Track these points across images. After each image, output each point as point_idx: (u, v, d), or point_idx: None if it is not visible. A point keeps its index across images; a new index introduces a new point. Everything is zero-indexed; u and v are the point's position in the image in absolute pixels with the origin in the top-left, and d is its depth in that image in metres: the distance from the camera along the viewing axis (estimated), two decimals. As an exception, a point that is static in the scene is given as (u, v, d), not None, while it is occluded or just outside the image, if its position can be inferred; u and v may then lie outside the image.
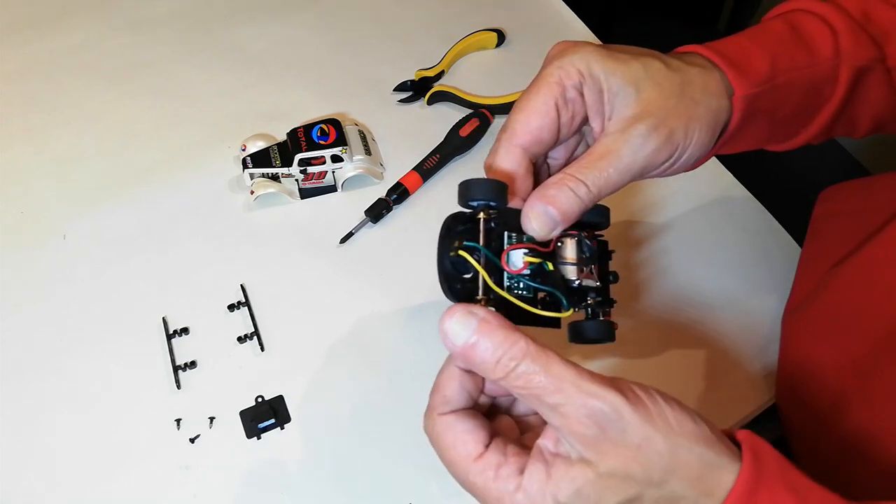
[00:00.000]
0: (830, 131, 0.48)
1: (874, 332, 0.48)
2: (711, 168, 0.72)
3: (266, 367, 0.58)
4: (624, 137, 0.38)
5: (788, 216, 0.69)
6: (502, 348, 0.32)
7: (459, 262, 0.37)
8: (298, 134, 0.67)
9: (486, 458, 0.34)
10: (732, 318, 0.63)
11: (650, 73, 0.39)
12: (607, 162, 0.38)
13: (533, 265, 0.38)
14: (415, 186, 0.68)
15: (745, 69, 0.41)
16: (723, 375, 0.60)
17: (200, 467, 0.54)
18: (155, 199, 0.67)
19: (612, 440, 0.31)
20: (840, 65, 0.44)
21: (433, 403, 0.36)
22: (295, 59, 0.79)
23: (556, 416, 0.32)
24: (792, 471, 0.32)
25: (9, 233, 0.65)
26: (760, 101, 0.42)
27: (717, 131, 0.41)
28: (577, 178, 0.38)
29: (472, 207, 0.38)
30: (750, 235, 0.68)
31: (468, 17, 0.81)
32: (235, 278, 0.63)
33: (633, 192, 0.70)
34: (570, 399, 0.31)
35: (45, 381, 0.57)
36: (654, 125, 0.38)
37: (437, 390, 0.36)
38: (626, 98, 0.39)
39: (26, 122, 0.72)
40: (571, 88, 0.39)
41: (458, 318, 0.33)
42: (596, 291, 0.40)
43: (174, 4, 0.83)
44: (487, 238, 0.37)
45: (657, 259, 0.66)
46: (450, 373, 0.36)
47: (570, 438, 0.32)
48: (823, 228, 0.62)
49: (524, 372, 0.32)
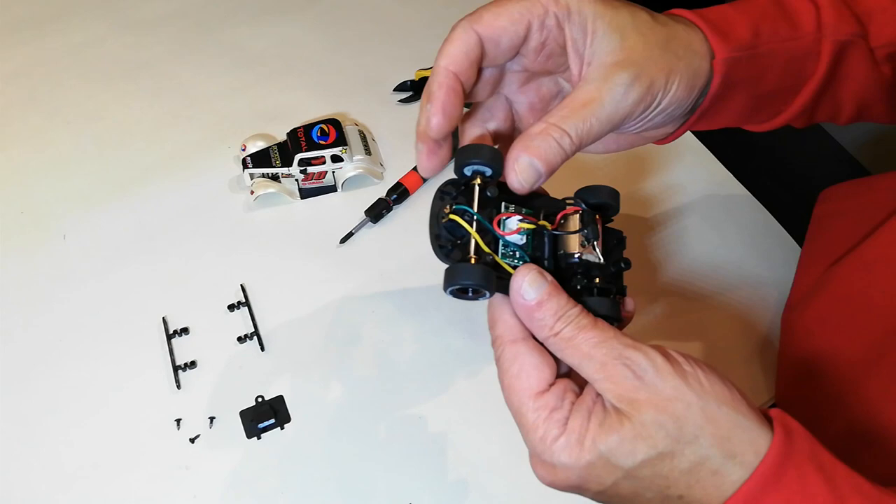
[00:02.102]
0: (813, 113, 0.48)
1: (874, 330, 0.48)
2: (711, 168, 0.72)
3: (266, 367, 0.58)
4: (607, 86, 0.37)
5: (788, 216, 0.69)
6: (564, 309, 0.35)
7: (452, 226, 0.37)
8: (298, 134, 0.67)
9: (545, 397, 0.34)
10: (732, 316, 0.63)
11: (636, 23, 0.39)
12: (590, 111, 0.37)
13: (527, 231, 0.37)
14: (415, 186, 0.68)
15: (728, 34, 0.41)
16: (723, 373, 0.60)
17: (200, 467, 0.54)
18: (155, 199, 0.67)
19: (647, 390, 0.33)
20: (822, 39, 0.44)
21: (499, 332, 0.37)
22: (295, 59, 0.79)
23: (597, 368, 0.34)
24: (821, 450, 0.33)
25: (9, 233, 0.65)
26: (741, 67, 0.42)
27: (695, 90, 0.41)
28: (560, 127, 0.37)
29: (465, 175, 0.38)
30: (750, 235, 0.68)
31: (468, 17, 0.81)
32: (235, 278, 0.63)
33: (633, 192, 0.70)
34: (612, 350, 0.34)
35: (45, 381, 0.57)
36: (636, 74, 0.38)
37: (497, 322, 0.37)
38: (610, 44, 0.38)
39: (26, 122, 0.72)
40: (553, 16, 0.38)
41: (531, 278, 0.35)
42: (600, 269, 0.38)
43: (174, 4, 0.83)
44: (483, 205, 0.37)
45: (657, 258, 0.66)
46: (505, 307, 0.37)
47: (607, 390, 0.33)
48: (823, 228, 0.62)
49: (578, 326, 0.34)
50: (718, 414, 0.32)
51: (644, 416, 0.32)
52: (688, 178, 0.71)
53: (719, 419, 0.32)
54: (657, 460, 0.32)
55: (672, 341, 0.61)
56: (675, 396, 0.32)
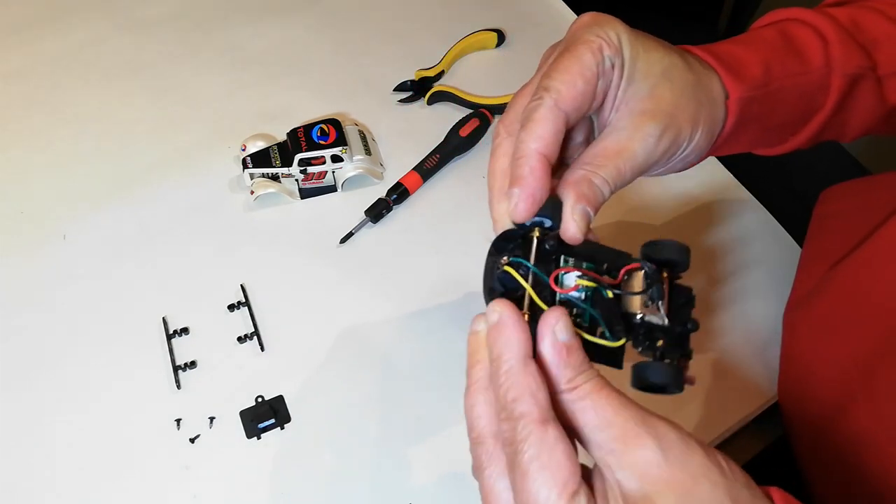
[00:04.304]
0: (820, 137, 0.48)
1: (876, 331, 0.48)
2: (711, 168, 0.72)
3: (266, 367, 0.58)
4: (639, 135, 0.37)
5: (788, 216, 0.69)
6: (585, 365, 0.32)
7: (507, 278, 0.34)
8: (298, 134, 0.67)
9: (579, 497, 0.29)
10: (733, 317, 0.63)
11: (668, 68, 0.39)
12: (623, 160, 0.37)
13: (586, 289, 0.35)
14: (415, 186, 0.68)
15: (741, 73, 0.41)
16: (724, 375, 0.60)
17: (200, 467, 0.54)
18: (155, 199, 0.67)
19: (672, 466, 0.30)
20: (831, 73, 0.44)
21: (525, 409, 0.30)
22: (295, 59, 0.79)
23: (616, 436, 0.30)
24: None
25: (9, 233, 0.65)
26: (754, 106, 0.42)
27: (714, 136, 0.41)
28: (601, 175, 0.36)
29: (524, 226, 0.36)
30: (750, 235, 0.68)
31: (468, 17, 0.81)
32: (235, 278, 0.63)
33: (632, 192, 0.70)
34: (636, 415, 0.30)
35: (45, 381, 0.57)
36: (666, 125, 0.38)
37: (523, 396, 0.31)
38: (641, 91, 0.38)
39: (26, 122, 0.72)
40: (608, 59, 0.37)
41: (564, 324, 0.32)
42: (664, 332, 0.35)
43: (174, 4, 0.83)
44: (541, 258, 0.35)
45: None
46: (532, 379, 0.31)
47: (624, 466, 0.30)
48: (824, 228, 0.62)
49: (598, 385, 0.31)
50: (740, 496, 0.30)
51: (666, 501, 0.29)
52: (688, 178, 0.71)
53: (741, 501, 0.30)
54: None
55: (672, 341, 0.61)
56: (702, 475, 0.30)
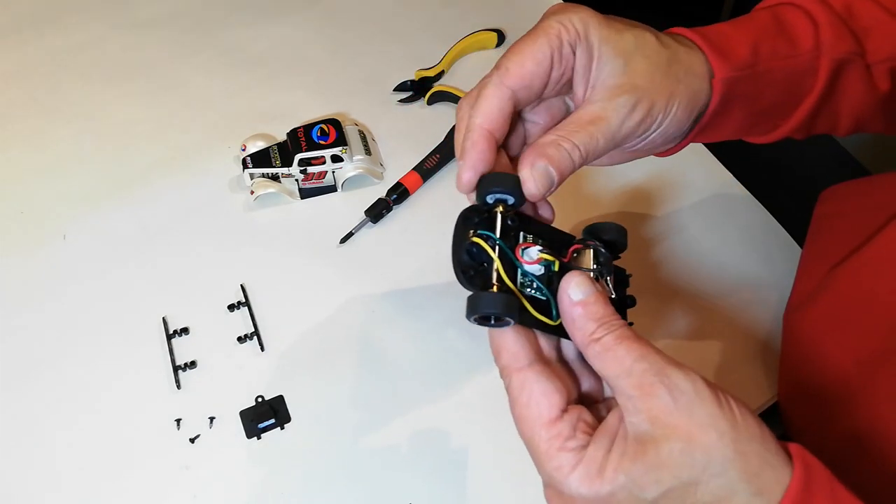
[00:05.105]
0: (811, 126, 0.49)
1: (877, 331, 0.48)
2: (711, 168, 0.72)
3: (266, 367, 0.58)
4: (611, 105, 0.38)
5: (788, 216, 0.69)
6: (609, 317, 0.34)
7: (474, 250, 0.36)
8: (298, 134, 0.67)
9: (558, 425, 0.33)
10: (733, 317, 0.63)
11: (640, 46, 0.40)
12: (596, 128, 0.38)
13: (547, 262, 0.37)
14: (415, 186, 0.68)
15: (727, 53, 0.42)
16: (724, 374, 0.60)
17: (200, 467, 0.54)
18: (155, 199, 0.67)
19: (681, 415, 0.31)
20: (820, 56, 0.45)
21: (504, 362, 0.36)
22: (295, 59, 0.79)
23: (634, 384, 0.32)
24: (838, 486, 0.32)
25: (9, 233, 0.65)
26: (740, 86, 0.42)
27: (694, 111, 0.42)
28: (570, 140, 0.38)
29: (487, 203, 0.38)
30: (750, 235, 0.68)
31: (468, 17, 0.81)
32: (235, 278, 0.63)
33: (632, 189, 0.70)
34: (653, 365, 0.32)
35: (45, 381, 0.57)
36: (639, 98, 0.39)
37: (501, 351, 0.36)
38: (614, 69, 0.39)
39: (26, 122, 0.72)
40: (567, 45, 0.39)
41: (578, 280, 0.35)
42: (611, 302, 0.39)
43: (174, 4, 0.83)
44: (504, 232, 0.37)
45: (657, 259, 0.66)
46: (506, 335, 0.36)
47: (640, 410, 0.32)
48: (824, 228, 0.62)
49: (620, 336, 0.33)
50: (749, 449, 0.31)
51: (672, 445, 0.31)
52: (688, 178, 0.71)
53: (749, 454, 0.31)
54: (680, 489, 0.31)
55: (673, 341, 0.61)
56: (709, 424, 0.31)
